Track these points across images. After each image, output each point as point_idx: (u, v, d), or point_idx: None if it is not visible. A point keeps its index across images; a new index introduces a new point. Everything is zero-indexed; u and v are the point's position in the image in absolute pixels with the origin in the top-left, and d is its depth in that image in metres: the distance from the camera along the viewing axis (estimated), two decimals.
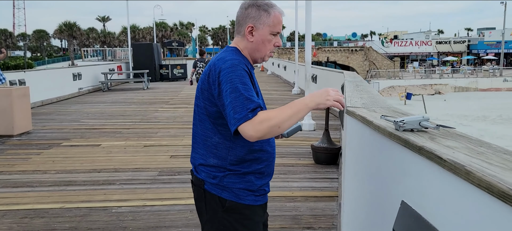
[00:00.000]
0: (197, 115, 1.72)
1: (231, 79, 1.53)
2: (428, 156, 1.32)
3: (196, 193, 1.77)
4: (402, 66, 52.76)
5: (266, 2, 1.69)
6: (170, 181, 4.83)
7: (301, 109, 1.57)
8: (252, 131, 1.49)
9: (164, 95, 14.26)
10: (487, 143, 1.37)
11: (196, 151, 1.75)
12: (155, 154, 6.09)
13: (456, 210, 1.19)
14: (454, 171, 1.15)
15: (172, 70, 21.04)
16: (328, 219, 3.69)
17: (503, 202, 0.93)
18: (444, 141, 1.43)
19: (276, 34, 1.72)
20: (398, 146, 1.59)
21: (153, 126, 8.34)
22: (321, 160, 5.42)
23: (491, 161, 1.15)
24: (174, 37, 63.48)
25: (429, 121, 1.64)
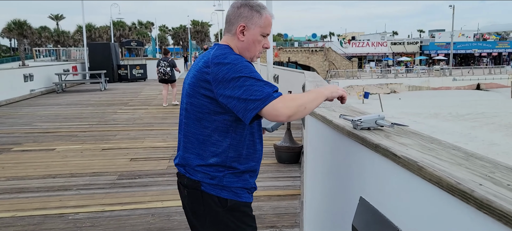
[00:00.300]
0: (192, 114, 1.67)
1: (241, 70, 1.54)
2: (383, 153, 1.38)
3: (191, 196, 1.70)
4: (360, 67, 54.23)
5: (258, 3, 1.73)
6: (131, 184, 4.72)
7: (319, 96, 1.64)
8: (284, 107, 1.49)
9: (122, 96, 13.90)
10: (437, 140, 1.45)
11: (190, 151, 1.69)
12: (114, 157, 5.93)
13: (410, 204, 1.25)
14: (407, 167, 1.22)
15: (131, 71, 20.51)
16: (291, 217, 3.75)
17: (451, 195, 1.00)
18: (399, 138, 1.50)
19: (265, 36, 1.75)
20: (356, 144, 1.65)
21: (112, 128, 8.12)
22: (284, 159, 5.49)
23: (441, 156, 1.23)
24: (133, 37, 61.99)
25: (384, 119, 1.71)
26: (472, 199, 0.92)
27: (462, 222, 0.97)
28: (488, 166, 1.11)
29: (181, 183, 1.75)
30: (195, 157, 1.67)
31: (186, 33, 67.48)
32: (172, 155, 5.92)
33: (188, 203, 1.73)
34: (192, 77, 1.66)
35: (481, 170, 1.07)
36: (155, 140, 6.98)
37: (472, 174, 1.04)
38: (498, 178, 1.01)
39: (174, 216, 3.79)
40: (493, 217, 0.85)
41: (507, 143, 19.32)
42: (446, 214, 1.05)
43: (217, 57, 1.59)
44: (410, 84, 43.63)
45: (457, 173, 1.05)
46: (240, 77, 1.52)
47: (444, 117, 26.66)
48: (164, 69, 10.92)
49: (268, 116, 1.52)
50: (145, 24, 75.63)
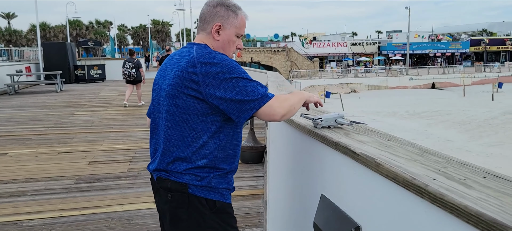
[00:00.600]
0: (178, 116, 1.59)
1: (232, 70, 1.53)
2: (343, 150, 1.41)
3: (175, 200, 1.62)
4: (321, 66, 55.22)
5: (234, 3, 1.72)
6: (89, 188, 4.57)
7: (302, 98, 1.72)
8: (280, 107, 1.54)
9: (80, 97, 13.43)
10: (394, 137, 1.50)
11: (174, 154, 1.62)
12: (71, 160, 5.72)
13: (368, 200, 1.28)
14: (366, 163, 1.25)
15: (88, 71, 19.86)
16: (254, 217, 3.75)
17: (406, 190, 1.03)
18: (357, 136, 1.54)
19: (239, 37, 1.74)
20: (317, 143, 1.68)
21: (69, 131, 7.82)
22: (247, 159, 5.49)
23: (397, 153, 1.26)
24: (90, 36, 60.10)
25: (344, 118, 1.75)
26: (426, 193, 0.95)
27: (417, 216, 1.01)
28: (441, 161, 1.16)
29: (163, 187, 1.65)
30: (182, 161, 1.61)
31: (147, 33, 66.19)
32: (132, 157, 5.78)
33: (171, 208, 1.64)
34: (175, 78, 1.59)
35: (434, 165, 1.11)
36: (115, 142, 6.79)
37: (426, 169, 1.08)
38: (450, 172, 1.05)
39: (135, 219, 3.70)
40: (446, 210, 0.88)
41: (461, 139, 20.31)
42: (403, 208, 1.08)
43: (204, 56, 1.56)
44: (369, 84, 44.92)
45: (412, 169, 1.08)
46: (232, 78, 1.51)
47: (402, 115, 27.66)
48: (129, 71, 10.78)
49: (264, 116, 1.53)
50: (103, 23, 73.49)
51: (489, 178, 0.99)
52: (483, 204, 0.83)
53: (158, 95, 1.71)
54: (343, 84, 43.62)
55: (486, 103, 31.52)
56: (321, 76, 46.58)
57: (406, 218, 1.07)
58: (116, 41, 59.84)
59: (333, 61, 59.30)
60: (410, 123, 24.72)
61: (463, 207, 0.83)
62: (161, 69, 1.73)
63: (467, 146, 18.83)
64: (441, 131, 22.16)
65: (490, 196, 0.87)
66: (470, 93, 38.33)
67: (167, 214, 1.66)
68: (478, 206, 0.81)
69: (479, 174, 1.03)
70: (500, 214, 0.77)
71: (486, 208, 0.80)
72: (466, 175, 1.02)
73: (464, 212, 0.83)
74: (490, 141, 19.76)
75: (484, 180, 0.98)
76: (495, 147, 18.52)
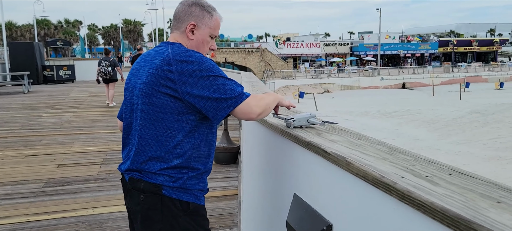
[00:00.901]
0: (152, 114, 1.57)
1: (208, 69, 1.52)
2: (315, 150, 1.42)
3: (148, 201, 1.58)
4: (295, 67, 55.66)
5: (209, 4, 1.72)
6: (58, 192, 4.44)
7: (276, 99, 1.76)
8: (256, 106, 1.55)
9: (48, 99, 13.04)
10: (365, 136, 1.53)
11: (148, 154, 1.59)
12: (40, 163, 5.54)
13: (340, 198, 1.30)
14: (337, 162, 1.26)
15: (57, 72, 19.30)
16: (228, 218, 3.74)
17: (376, 188, 1.05)
18: (329, 136, 1.55)
19: (213, 37, 1.74)
20: (290, 142, 1.69)
21: (37, 133, 7.58)
22: (221, 160, 5.47)
23: (367, 152, 1.28)
24: (59, 36, 58.37)
25: (316, 118, 1.77)
26: (394, 191, 0.97)
27: (386, 213, 1.03)
28: (409, 159, 1.18)
29: (135, 188, 1.62)
30: (156, 160, 1.58)
31: (118, 33, 64.99)
32: (103, 159, 5.66)
33: (143, 209, 1.61)
34: (149, 76, 1.56)
35: (403, 163, 1.14)
36: (85, 144, 6.63)
37: (395, 167, 1.10)
38: (418, 170, 1.07)
39: (106, 223, 3.62)
40: (413, 207, 0.90)
41: (430, 137, 20.89)
42: (372, 206, 1.10)
43: (179, 54, 1.54)
44: (342, 84, 45.61)
45: (381, 167, 1.10)
46: (209, 76, 1.51)
47: (374, 114, 28.21)
48: (106, 69, 10.89)
49: (240, 114, 1.53)
50: (72, 22, 71.60)
51: (454, 175, 1.02)
52: (448, 200, 0.85)
53: (131, 94, 1.68)
54: (317, 84, 44.11)
55: (454, 103, 32.56)
56: (295, 77, 46.95)
57: (376, 216, 1.09)
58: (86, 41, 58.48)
59: (306, 62, 59.88)
60: (381, 122, 25.25)
61: (429, 203, 0.85)
62: (134, 68, 1.70)
63: (437, 144, 19.39)
64: (412, 130, 22.74)
65: (455, 192, 0.89)
66: (439, 93, 39.50)
67: (139, 215, 1.63)
68: (443, 202, 0.84)
69: (445, 171, 1.06)
70: (464, 209, 0.80)
71: (451, 204, 0.83)
72: (432, 173, 1.04)
73: (430, 209, 0.85)
74: (458, 139, 20.42)
75: (449, 177, 1.01)
76: (463, 145, 19.16)
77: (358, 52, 63.04)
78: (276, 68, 50.18)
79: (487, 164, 15.89)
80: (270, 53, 52.27)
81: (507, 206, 0.81)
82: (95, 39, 73.07)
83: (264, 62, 51.34)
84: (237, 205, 3.97)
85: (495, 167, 15.41)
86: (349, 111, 29.01)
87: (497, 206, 0.82)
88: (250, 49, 53.44)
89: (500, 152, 17.72)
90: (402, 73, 50.31)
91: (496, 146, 18.75)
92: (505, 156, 17.06)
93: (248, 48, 54.43)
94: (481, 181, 0.97)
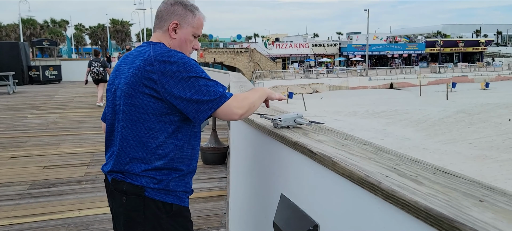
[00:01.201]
0: (134, 115, 1.55)
1: (190, 69, 1.50)
2: (301, 150, 1.42)
3: (131, 203, 1.57)
4: (284, 67, 55.77)
5: (192, 3, 1.70)
6: (44, 194, 4.37)
7: (262, 95, 1.72)
8: (238, 107, 1.53)
9: (34, 100, 12.87)
10: (351, 136, 1.53)
11: (131, 155, 1.57)
12: (25, 165, 5.46)
13: (326, 198, 1.30)
14: (323, 162, 1.26)
15: (43, 72, 19.05)
16: (217, 219, 3.73)
17: (361, 188, 1.05)
18: (316, 136, 1.55)
19: (196, 37, 1.72)
20: (277, 143, 1.68)
21: (22, 135, 7.46)
22: (209, 160, 5.45)
23: (353, 151, 1.29)
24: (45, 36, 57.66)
25: (303, 118, 1.77)
26: (379, 190, 0.97)
27: (371, 212, 1.03)
28: (395, 159, 1.19)
29: (118, 190, 1.60)
30: (139, 162, 1.56)
31: (105, 33, 64.40)
32: (90, 160, 5.60)
33: (126, 211, 1.59)
34: (131, 76, 1.55)
35: (388, 163, 1.14)
36: (72, 146, 6.54)
37: (380, 167, 1.11)
38: (403, 169, 1.08)
39: (93, 225, 3.58)
40: (397, 206, 0.91)
41: (417, 137, 21.12)
42: (358, 206, 1.10)
43: (161, 54, 1.52)
44: (331, 84, 45.86)
45: (366, 167, 1.10)
46: (190, 77, 1.49)
47: (362, 114, 28.42)
48: (97, 69, 11.08)
49: (222, 116, 1.51)
50: (59, 22, 70.77)
51: (438, 174, 1.03)
52: (431, 199, 0.85)
53: (113, 95, 1.65)
54: (306, 85, 44.28)
55: (441, 103, 32.97)
56: (283, 77, 47.07)
57: (361, 215, 1.09)
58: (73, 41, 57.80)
59: (295, 62, 60.03)
60: (370, 122, 25.44)
61: (413, 202, 0.86)
62: (116, 69, 1.68)
63: (424, 143, 19.62)
64: (399, 130, 22.96)
65: (439, 191, 0.90)
66: (426, 93, 39.96)
67: (122, 217, 1.61)
68: (427, 202, 0.84)
69: (429, 170, 1.07)
70: (447, 208, 0.80)
71: (435, 203, 0.83)
72: (417, 172, 1.05)
73: (414, 208, 0.85)
74: (445, 138, 20.69)
75: (434, 176, 1.01)
76: (449, 144, 19.41)
77: (347, 52, 63.42)
78: (265, 68, 50.24)
79: (473, 163, 16.13)
80: (259, 54, 52.29)
81: (489, 205, 0.82)
82: (82, 39, 72.32)
83: (253, 62, 51.36)
84: (226, 205, 3.96)
85: (481, 166, 15.65)
86: (338, 112, 29.18)
87: (479, 204, 0.82)
88: (239, 49, 53.40)
89: (485, 151, 18.00)
90: (390, 74, 50.76)
91: (481, 145, 19.04)
92: (491, 155, 17.34)
93: (237, 48, 54.37)
94: (465, 180, 0.98)
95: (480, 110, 28.22)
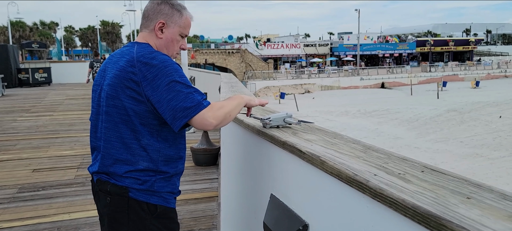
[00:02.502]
0: (116, 117, 1.53)
1: (170, 73, 1.47)
2: (290, 150, 1.41)
3: (114, 203, 1.56)
4: (276, 68, 55.77)
5: (179, 3, 1.67)
6: (33, 197, 4.32)
7: (240, 102, 1.68)
8: (212, 117, 1.48)
9: (24, 102, 12.72)
10: (340, 135, 1.52)
11: (114, 157, 1.56)
12: (14, 168, 5.39)
13: (315, 197, 1.29)
14: (311, 162, 1.25)
15: (33, 75, 18.86)
16: (208, 220, 3.71)
17: (349, 186, 1.04)
18: (305, 135, 1.55)
19: (184, 37, 1.70)
20: (266, 142, 1.68)
21: (11, 137, 7.37)
22: (201, 162, 5.42)
23: (342, 150, 1.28)
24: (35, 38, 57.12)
25: (292, 117, 1.76)
26: (367, 189, 0.97)
27: (360, 211, 1.02)
28: (383, 157, 1.18)
29: (102, 190, 1.60)
30: (122, 163, 1.55)
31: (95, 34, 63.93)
32: (80, 163, 5.54)
33: (110, 212, 1.59)
34: (114, 77, 1.53)
35: (376, 161, 1.14)
36: (61, 148, 6.47)
37: (368, 165, 1.10)
38: (391, 167, 1.07)
39: (83, 228, 3.54)
40: (385, 204, 0.90)
41: (409, 136, 21.25)
42: (346, 204, 1.10)
43: (144, 56, 1.50)
44: (323, 84, 45.98)
45: (355, 165, 1.10)
46: (170, 81, 1.46)
47: (354, 114, 28.53)
48: None
49: (196, 125, 1.48)
50: (48, 24, 70.18)
51: (426, 172, 1.03)
52: (419, 197, 0.85)
53: (98, 96, 1.64)
54: (297, 85, 44.34)
55: (432, 102, 33.21)
56: (275, 78, 47.09)
57: (350, 214, 1.08)
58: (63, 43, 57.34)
59: (287, 63, 60.09)
60: (361, 121, 25.55)
61: (400, 200, 0.85)
62: (101, 69, 1.67)
63: (416, 142, 19.74)
64: (391, 129, 23.09)
65: (426, 189, 0.90)
66: (417, 92, 40.24)
67: (106, 217, 1.61)
68: (414, 199, 0.84)
69: (417, 168, 1.06)
70: (434, 206, 0.80)
71: (422, 201, 0.83)
72: (405, 170, 1.05)
73: (402, 206, 0.85)
74: (436, 137, 20.84)
75: (421, 174, 1.01)
76: (441, 142, 19.56)
77: (338, 52, 63.62)
78: (256, 69, 50.23)
79: (465, 161, 16.26)
80: (250, 54, 52.26)
81: (476, 202, 0.82)
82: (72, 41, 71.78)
83: (245, 63, 51.33)
84: (217, 206, 3.94)
85: (472, 164, 15.79)
86: (330, 111, 29.26)
87: (466, 201, 0.82)
88: (231, 50, 53.33)
89: (476, 149, 18.16)
90: (381, 73, 51.03)
91: (472, 143, 19.21)
92: (482, 153, 17.50)
93: (228, 49, 54.30)
94: (452, 178, 0.97)
95: (470, 109, 28.49)
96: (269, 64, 52.01)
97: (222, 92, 3.92)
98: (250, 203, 2.04)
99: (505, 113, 26.04)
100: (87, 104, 11.77)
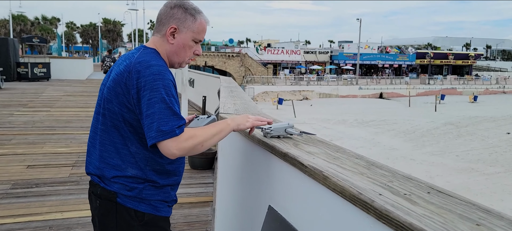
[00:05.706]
0: (109, 121, 1.51)
1: (157, 88, 1.40)
2: (291, 162, 1.38)
3: (103, 207, 1.55)
4: (275, 73, 55.81)
5: (194, 6, 1.60)
6: (26, 194, 4.26)
7: (224, 129, 1.56)
8: (176, 148, 1.39)
9: (21, 97, 12.65)
10: (342, 148, 1.49)
11: (106, 160, 1.54)
12: (8, 164, 5.33)
13: (316, 213, 1.26)
14: (313, 176, 1.22)
15: (32, 69, 18.77)
16: (202, 225, 3.66)
17: (353, 205, 1.01)
18: (306, 147, 1.51)
19: (198, 42, 1.63)
20: (266, 152, 1.64)
21: (7, 132, 7.30)
22: (197, 165, 5.38)
23: (345, 165, 1.25)
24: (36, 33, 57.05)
25: (293, 128, 1.72)
26: (372, 209, 0.93)
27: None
28: (388, 175, 1.15)
29: (94, 193, 1.58)
30: (111, 167, 1.52)
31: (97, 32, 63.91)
32: (75, 161, 5.49)
33: (99, 215, 1.57)
34: (112, 81, 1.50)
35: (381, 179, 1.11)
36: (57, 145, 6.42)
37: (372, 183, 1.07)
38: (396, 187, 1.04)
39: (75, 228, 3.49)
40: (391, 227, 0.87)
41: (405, 147, 21.25)
42: (349, 223, 1.06)
43: (140, 64, 1.45)
44: (321, 92, 46.00)
45: (359, 183, 1.06)
46: (153, 97, 1.39)
47: (351, 123, 28.53)
48: (109, 63, 13.72)
49: (160, 150, 1.41)
50: (50, 20, 70.10)
51: (433, 193, 0.99)
52: (427, 221, 0.82)
53: (100, 96, 1.61)
54: (296, 91, 44.36)
55: (430, 114, 33.27)
56: (274, 83, 47.09)
57: None
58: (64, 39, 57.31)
59: (286, 69, 60.14)
60: (358, 131, 25.54)
61: (408, 224, 0.82)
62: (110, 70, 1.63)
63: (411, 154, 19.73)
64: (388, 140, 23.08)
65: (434, 213, 0.86)
66: (415, 104, 40.29)
67: (96, 220, 1.61)
68: (422, 224, 0.80)
69: (423, 189, 1.03)
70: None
71: (430, 226, 0.79)
72: (411, 190, 1.01)
73: (409, 230, 0.81)
74: (432, 149, 20.85)
75: (428, 195, 0.98)
76: (437, 155, 19.56)
77: (338, 61, 63.74)
78: (256, 73, 50.25)
79: (460, 175, 16.25)
80: (250, 59, 52.30)
81: (486, 229, 0.78)
82: (73, 37, 71.70)
83: (244, 67, 51.35)
84: (212, 212, 3.90)
85: (467, 179, 15.78)
86: (327, 119, 29.26)
87: (476, 228, 0.79)
88: (231, 53, 53.36)
89: (472, 163, 18.17)
90: (380, 83, 51.12)
91: (468, 157, 19.22)
92: (477, 168, 17.51)
93: (228, 52, 54.34)
94: (460, 201, 0.94)
95: (467, 123, 28.54)
96: (268, 70, 52.04)
97: (222, 97, 3.88)
98: (246, 212, 2.00)
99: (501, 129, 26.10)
100: (85, 102, 11.74)
